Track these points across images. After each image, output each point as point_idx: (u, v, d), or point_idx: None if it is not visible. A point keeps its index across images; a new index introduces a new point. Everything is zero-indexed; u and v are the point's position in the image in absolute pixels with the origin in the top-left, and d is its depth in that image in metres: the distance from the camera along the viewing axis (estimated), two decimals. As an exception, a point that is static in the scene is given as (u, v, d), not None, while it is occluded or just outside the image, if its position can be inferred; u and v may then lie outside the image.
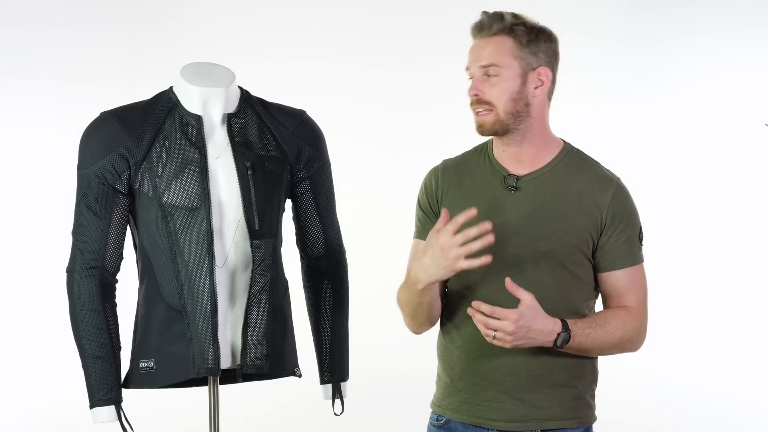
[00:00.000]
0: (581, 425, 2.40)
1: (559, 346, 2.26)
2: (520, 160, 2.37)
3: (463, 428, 2.41)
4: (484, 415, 2.37)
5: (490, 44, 2.32)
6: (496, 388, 2.36)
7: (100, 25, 4.93)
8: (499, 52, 2.31)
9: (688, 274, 5.16)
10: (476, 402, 2.38)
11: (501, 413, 2.36)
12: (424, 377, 3.08)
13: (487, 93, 2.31)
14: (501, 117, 2.31)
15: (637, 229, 2.37)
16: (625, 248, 2.35)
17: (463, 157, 2.49)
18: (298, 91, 3.83)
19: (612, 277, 2.36)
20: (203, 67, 2.63)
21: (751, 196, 5.11)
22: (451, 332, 2.43)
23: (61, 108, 4.83)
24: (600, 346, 2.32)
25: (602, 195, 2.35)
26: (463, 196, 2.40)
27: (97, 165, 2.54)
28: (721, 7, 5.16)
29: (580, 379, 2.39)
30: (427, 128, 5.05)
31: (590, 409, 2.42)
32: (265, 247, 2.58)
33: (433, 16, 5.09)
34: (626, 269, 2.36)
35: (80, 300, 2.55)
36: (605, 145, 3.80)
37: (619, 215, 2.35)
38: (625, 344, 2.35)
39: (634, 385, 4.92)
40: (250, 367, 2.57)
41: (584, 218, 2.34)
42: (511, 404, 2.36)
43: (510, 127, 2.33)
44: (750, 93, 5.11)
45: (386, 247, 4.68)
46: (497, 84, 2.31)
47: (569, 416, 2.38)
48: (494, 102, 2.31)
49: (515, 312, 2.19)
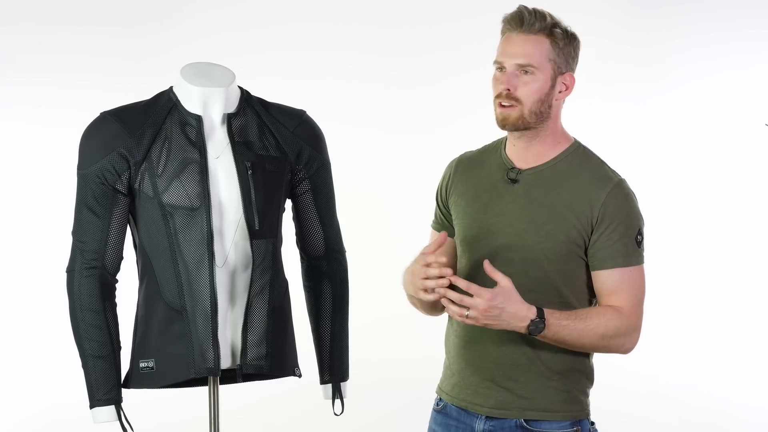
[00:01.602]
0: (566, 419, 2.39)
1: (532, 333, 2.26)
2: (527, 156, 2.42)
3: (456, 413, 2.46)
4: (471, 400, 2.42)
5: (529, 42, 2.33)
6: (481, 375, 2.41)
7: (99, 21, 4.93)
8: (539, 52, 2.33)
9: (688, 274, 5.16)
10: (465, 386, 2.44)
11: (486, 399, 2.40)
12: (425, 377, 3.08)
13: (519, 90, 2.34)
14: (525, 115, 2.34)
15: (633, 231, 2.35)
16: (617, 248, 2.33)
17: (481, 150, 2.54)
18: (298, 91, 3.83)
19: (602, 276, 2.35)
20: (203, 67, 2.63)
21: (751, 196, 5.11)
22: (451, 317, 2.46)
23: (61, 107, 4.83)
24: (579, 339, 2.30)
25: (597, 194, 2.35)
26: (469, 186, 2.46)
27: (97, 165, 2.54)
28: (721, 7, 5.17)
29: (565, 374, 2.39)
30: (427, 128, 5.05)
31: (579, 404, 2.41)
32: (265, 247, 2.58)
33: (433, 15, 5.09)
34: (617, 269, 2.34)
35: (80, 300, 2.55)
36: (605, 145, 3.79)
37: (611, 214, 2.34)
38: (609, 342, 2.33)
39: (634, 385, 4.92)
40: (250, 367, 2.57)
41: (575, 216, 2.34)
42: (495, 391, 2.39)
43: (530, 125, 2.37)
44: (750, 93, 5.11)
45: (386, 247, 4.68)
46: (530, 83, 2.33)
47: (553, 409, 2.38)
48: (523, 100, 2.34)
49: (490, 291, 2.22)
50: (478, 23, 3.76)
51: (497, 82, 2.36)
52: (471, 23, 4.85)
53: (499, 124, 2.38)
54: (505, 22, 2.39)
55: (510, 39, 2.36)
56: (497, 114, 2.37)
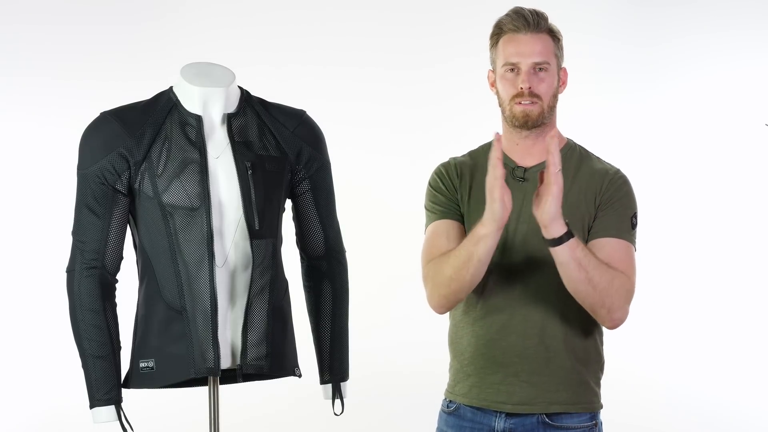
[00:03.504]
0: (586, 411, 2.44)
1: (557, 237, 2.25)
2: (531, 153, 2.46)
3: (471, 414, 2.46)
4: (492, 398, 2.43)
5: (539, 41, 2.41)
6: (505, 371, 2.42)
7: (99, 20, 4.93)
8: (548, 49, 2.42)
9: (688, 274, 5.16)
10: (485, 385, 2.44)
11: (509, 396, 2.42)
12: (425, 377, 3.09)
13: (537, 87, 2.40)
14: (544, 110, 2.42)
15: (629, 211, 2.42)
16: (612, 221, 2.40)
17: (471, 155, 2.56)
18: (298, 91, 3.82)
19: (596, 246, 2.38)
20: (203, 67, 2.63)
21: (751, 196, 5.11)
22: (462, 318, 2.48)
23: (61, 107, 4.83)
24: (588, 272, 2.28)
25: (601, 181, 2.44)
26: (477, 188, 2.47)
27: (97, 165, 2.54)
28: (721, 7, 5.16)
29: (586, 364, 2.44)
30: (427, 128, 5.04)
31: (596, 395, 2.47)
32: (265, 247, 2.58)
33: (432, 14, 5.09)
34: (609, 239, 2.38)
35: (80, 300, 2.55)
36: (605, 144, 3.79)
37: (610, 195, 2.42)
38: (611, 292, 2.32)
39: (634, 385, 4.92)
40: (250, 367, 2.57)
41: (585, 205, 2.42)
42: (519, 387, 2.41)
43: (546, 120, 2.43)
44: (750, 93, 5.11)
45: (386, 247, 4.69)
46: (545, 79, 2.41)
47: (574, 401, 2.42)
48: (542, 95, 2.41)
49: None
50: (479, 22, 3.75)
51: (512, 83, 2.41)
52: (472, 22, 4.85)
53: (518, 123, 2.42)
54: (505, 23, 2.43)
55: (518, 39, 2.40)
56: (517, 112, 2.41)
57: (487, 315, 2.43)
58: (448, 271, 2.37)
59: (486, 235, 2.29)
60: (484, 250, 2.31)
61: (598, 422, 2.47)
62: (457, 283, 2.37)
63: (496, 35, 2.44)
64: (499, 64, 2.43)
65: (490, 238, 2.29)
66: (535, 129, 2.43)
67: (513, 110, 2.41)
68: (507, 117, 2.44)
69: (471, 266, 2.33)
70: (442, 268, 2.39)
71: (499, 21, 2.44)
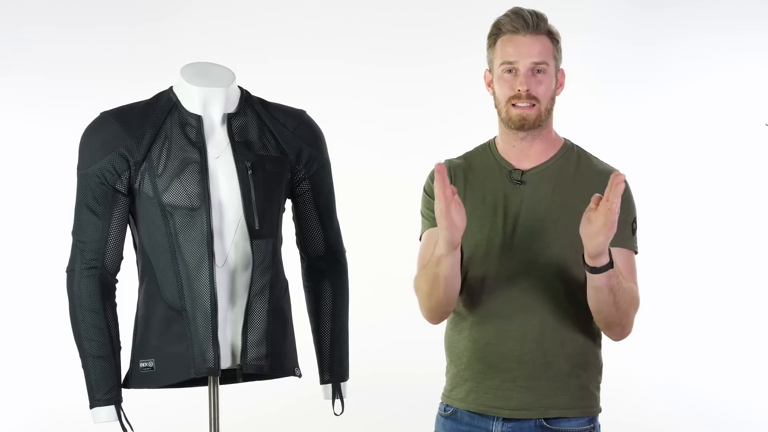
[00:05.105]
0: (585, 415, 2.42)
1: (600, 267, 2.22)
2: (528, 155, 2.44)
3: (469, 418, 2.45)
4: (490, 403, 2.41)
5: (538, 42, 2.38)
6: (502, 376, 2.40)
7: (99, 21, 4.93)
8: (547, 51, 2.39)
9: (688, 274, 5.16)
10: (482, 390, 2.42)
11: (506, 401, 2.40)
12: (425, 377, 3.09)
13: (536, 89, 2.38)
14: (542, 113, 2.39)
15: (630, 217, 2.40)
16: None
17: (466, 157, 2.53)
18: (298, 91, 3.83)
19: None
20: (203, 67, 2.63)
21: (751, 196, 5.11)
22: (458, 323, 2.46)
23: (60, 107, 4.83)
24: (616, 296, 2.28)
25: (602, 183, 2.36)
26: (471, 190, 2.45)
27: (97, 165, 2.54)
28: (721, 7, 5.17)
29: (585, 369, 2.41)
30: (427, 127, 5.05)
31: (594, 399, 2.45)
32: (265, 247, 2.58)
33: (432, 14, 5.09)
34: (613, 248, 2.32)
35: (80, 300, 2.55)
36: (605, 144, 3.80)
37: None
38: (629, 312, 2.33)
39: (634, 386, 4.92)
40: (250, 367, 2.57)
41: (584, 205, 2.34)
42: (517, 392, 2.39)
43: (543, 122, 2.41)
44: (750, 93, 5.11)
45: (386, 247, 4.69)
46: (543, 81, 2.38)
47: (573, 405, 2.40)
48: (540, 98, 2.38)
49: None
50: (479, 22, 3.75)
51: (510, 84, 2.38)
52: (471, 23, 4.85)
53: (514, 126, 2.40)
54: (504, 23, 2.40)
55: (516, 40, 2.38)
56: (513, 115, 2.39)
57: (484, 320, 2.40)
58: (425, 287, 2.39)
59: (443, 255, 2.28)
60: (445, 269, 2.30)
61: (596, 425, 2.45)
62: (434, 298, 2.38)
63: (495, 35, 2.42)
64: (497, 64, 2.40)
65: (447, 258, 2.28)
66: (532, 131, 2.41)
67: (510, 113, 2.39)
68: (504, 119, 2.42)
69: (440, 284, 2.33)
70: (421, 283, 2.40)
71: (498, 21, 2.42)
